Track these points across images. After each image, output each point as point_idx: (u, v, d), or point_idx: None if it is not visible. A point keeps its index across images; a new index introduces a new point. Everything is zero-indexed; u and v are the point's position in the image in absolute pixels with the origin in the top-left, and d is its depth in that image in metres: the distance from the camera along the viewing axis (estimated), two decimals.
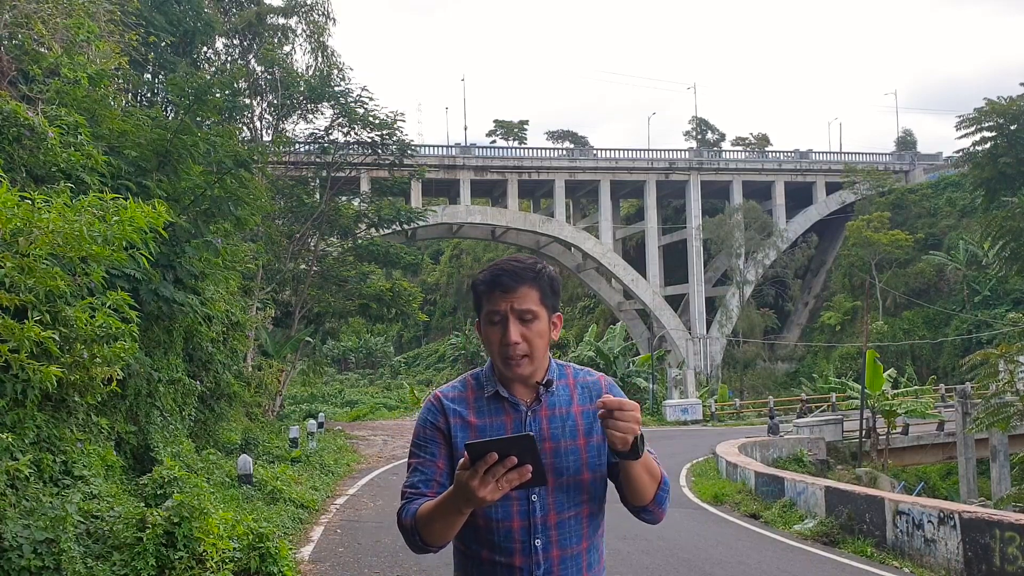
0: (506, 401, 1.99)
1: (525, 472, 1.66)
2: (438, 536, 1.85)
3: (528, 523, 1.92)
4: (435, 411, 2.02)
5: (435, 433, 2.00)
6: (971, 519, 8.36)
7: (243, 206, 10.98)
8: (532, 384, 1.99)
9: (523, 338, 1.93)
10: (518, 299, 1.94)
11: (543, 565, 1.92)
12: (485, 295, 1.97)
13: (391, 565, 8.25)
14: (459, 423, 1.98)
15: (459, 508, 1.75)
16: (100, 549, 6.35)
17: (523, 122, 68.59)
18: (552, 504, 1.93)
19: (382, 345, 64.48)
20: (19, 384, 6.38)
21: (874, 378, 24.82)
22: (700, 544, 10.13)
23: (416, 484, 1.95)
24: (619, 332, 42.71)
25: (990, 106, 32.85)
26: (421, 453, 2.00)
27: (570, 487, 1.94)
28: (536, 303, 1.95)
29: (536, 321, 1.95)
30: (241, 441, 14.56)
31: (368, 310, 26.93)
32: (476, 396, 2.02)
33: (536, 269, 1.98)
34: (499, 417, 1.98)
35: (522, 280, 1.95)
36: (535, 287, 1.96)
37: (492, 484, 1.66)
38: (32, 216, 5.46)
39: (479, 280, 2.00)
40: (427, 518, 1.84)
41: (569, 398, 2.02)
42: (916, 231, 47.61)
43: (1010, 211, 25.31)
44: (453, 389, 2.06)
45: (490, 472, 1.65)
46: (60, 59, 9.77)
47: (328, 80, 24.25)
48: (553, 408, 1.99)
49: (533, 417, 1.97)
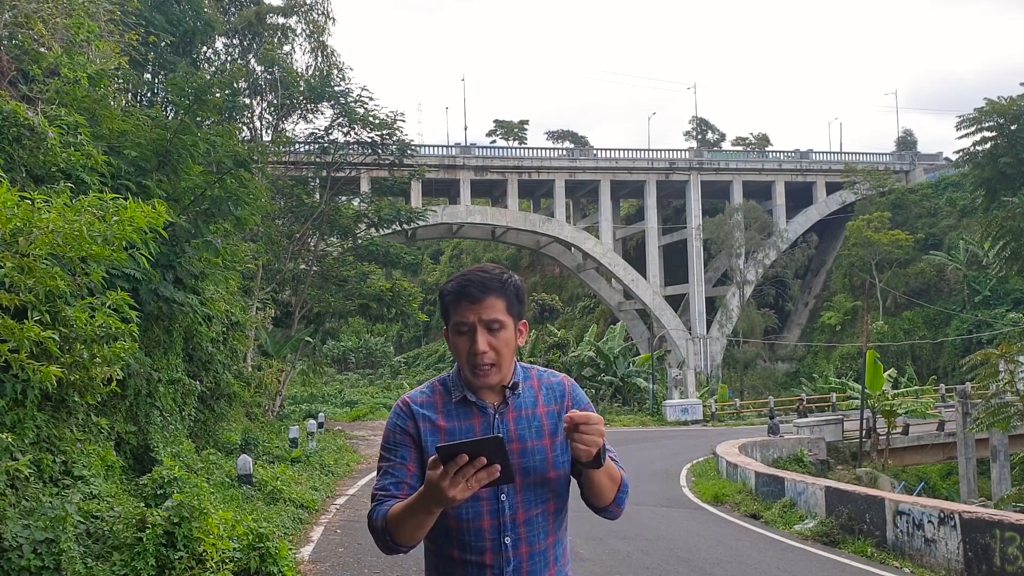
0: (474, 405, 2.04)
1: (494, 471, 1.70)
2: (408, 536, 1.89)
3: (498, 521, 1.97)
4: (404, 416, 2.06)
5: (404, 437, 2.04)
6: (971, 519, 8.35)
7: (243, 206, 10.96)
8: (498, 387, 2.04)
9: (491, 347, 1.98)
10: (485, 310, 1.98)
11: (512, 562, 1.98)
12: (452, 305, 2.01)
13: (391, 565, 8.24)
14: (428, 427, 2.03)
15: (429, 508, 1.80)
16: (100, 549, 6.35)
17: (523, 122, 68.67)
18: (520, 502, 1.99)
19: (382, 345, 64.46)
20: (19, 384, 6.37)
21: (874, 378, 24.83)
22: (700, 544, 10.13)
23: (387, 486, 1.99)
24: (619, 332, 42.71)
25: (990, 106, 32.85)
26: (391, 456, 2.03)
27: (537, 485, 2.00)
28: (503, 312, 2.00)
29: (503, 330, 2.00)
30: (241, 441, 14.55)
31: (368, 310, 26.93)
32: (444, 400, 2.06)
33: (502, 279, 2.03)
34: (468, 420, 2.03)
35: (488, 290, 1.99)
36: (501, 297, 2.00)
37: (462, 484, 1.70)
38: (32, 216, 5.46)
39: (446, 290, 2.04)
40: (398, 519, 1.88)
41: (535, 399, 2.07)
42: (916, 231, 47.61)
43: (1010, 211, 25.29)
44: (421, 394, 2.10)
45: (460, 473, 1.69)
46: (60, 59, 9.76)
47: (328, 80, 24.24)
48: (520, 410, 2.04)
49: (501, 419, 2.02)
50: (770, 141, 69.83)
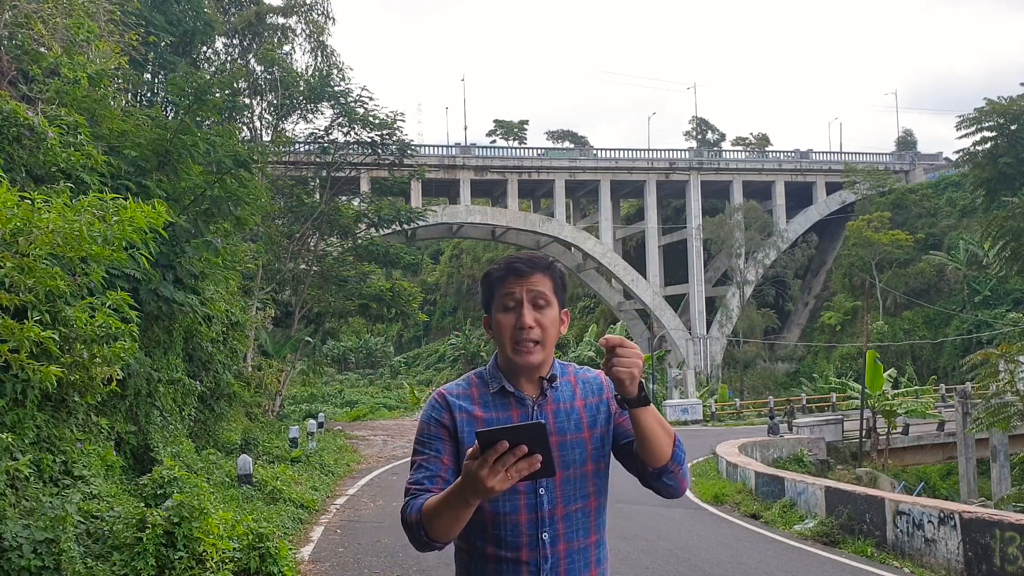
0: (512, 396, 2.01)
1: (534, 462, 1.63)
2: (444, 531, 1.82)
3: (536, 516, 1.93)
4: (440, 408, 2.02)
5: (440, 430, 1.99)
6: (971, 519, 8.35)
7: (243, 206, 10.97)
8: (537, 379, 2.01)
9: (536, 323, 1.96)
10: (533, 284, 1.98)
11: (550, 559, 1.92)
12: (499, 281, 2.01)
13: (391, 565, 8.23)
14: (465, 418, 1.99)
15: (467, 499, 1.73)
16: (100, 549, 6.34)
17: (523, 122, 68.69)
18: (559, 497, 1.94)
19: (382, 345, 64.43)
20: (19, 384, 6.38)
21: (874, 378, 24.83)
22: (700, 544, 10.13)
23: (421, 480, 1.94)
24: (619, 332, 42.72)
25: (990, 106, 32.89)
26: (425, 450, 1.99)
27: (576, 479, 1.96)
28: (550, 290, 2.00)
29: (549, 308, 1.99)
30: (241, 441, 14.55)
31: (368, 310, 26.93)
32: (481, 392, 2.03)
33: (548, 262, 2.05)
34: (506, 411, 1.99)
35: (536, 268, 2.01)
36: (548, 276, 2.01)
37: (502, 473, 1.63)
38: (32, 216, 5.46)
39: (493, 269, 2.05)
40: (433, 512, 1.81)
41: (572, 393, 2.04)
42: (916, 231, 47.59)
43: (1010, 211, 25.31)
44: (457, 387, 2.07)
45: (500, 461, 1.62)
46: (60, 59, 9.76)
47: (328, 80, 24.22)
48: (558, 403, 2.01)
49: (539, 411, 1.99)
50: (770, 141, 69.83)
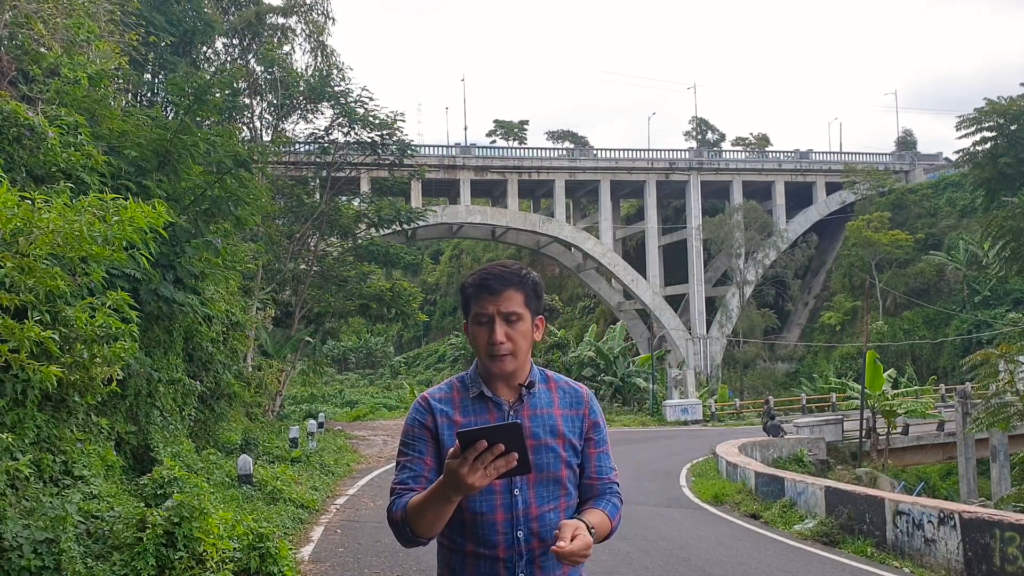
0: (490, 400, 2.13)
1: (512, 459, 1.76)
2: (428, 527, 1.94)
3: (511, 516, 2.05)
4: (423, 411, 2.14)
5: (423, 432, 2.12)
6: (971, 519, 8.36)
7: (243, 206, 10.97)
8: (515, 385, 2.14)
9: (508, 337, 2.07)
10: (504, 302, 2.08)
11: (525, 556, 2.05)
12: (473, 298, 2.12)
13: (391, 565, 8.24)
14: (446, 422, 2.11)
15: (448, 496, 1.85)
16: (100, 549, 6.35)
17: (523, 122, 68.68)
18: (533, 498, 2.07)
19: (382, 345, 64.45)
20: (19, 384, 6.38)
21: (874, 378, 24.82)
22: (700, 544, 10.13)
23: (405, 481, 2.07)
24: (619, 332, 42.68)
25: (990, 106, 32.88)
26: (409, 452, 2.11)
27: (549, 482, 2.09)
28: (520, 305, 2.10)
29: (520, 322, 2.09)
30: (241, 441, 14.55)
31: (368, 310, 26.92)
32: (462, 397, 2.15)
33: (521, 274, 2.13)
34: (484, 415, 2.11)
35: (508, 284, 2.10)
36: (520, 291, 2.10)
37: (481, 471, 1.75)
38: (32, 216, 5.46)
39: (468, 283, 2.15)
40: (417, 509, 1.93)
41: (551, 400, 2.17)
42: (916, 231, 47.60)
43: (1010, 211, 25.29)
44: (439, 391, 2.19)
45: (479, 459, 1.74)
46: (60, 59, 9.77)
47: (328, 80, 24.21)
48: (535, 408, 2.13)
49: (515, 415, 2.11)
50: (770, 141, 69.82)
